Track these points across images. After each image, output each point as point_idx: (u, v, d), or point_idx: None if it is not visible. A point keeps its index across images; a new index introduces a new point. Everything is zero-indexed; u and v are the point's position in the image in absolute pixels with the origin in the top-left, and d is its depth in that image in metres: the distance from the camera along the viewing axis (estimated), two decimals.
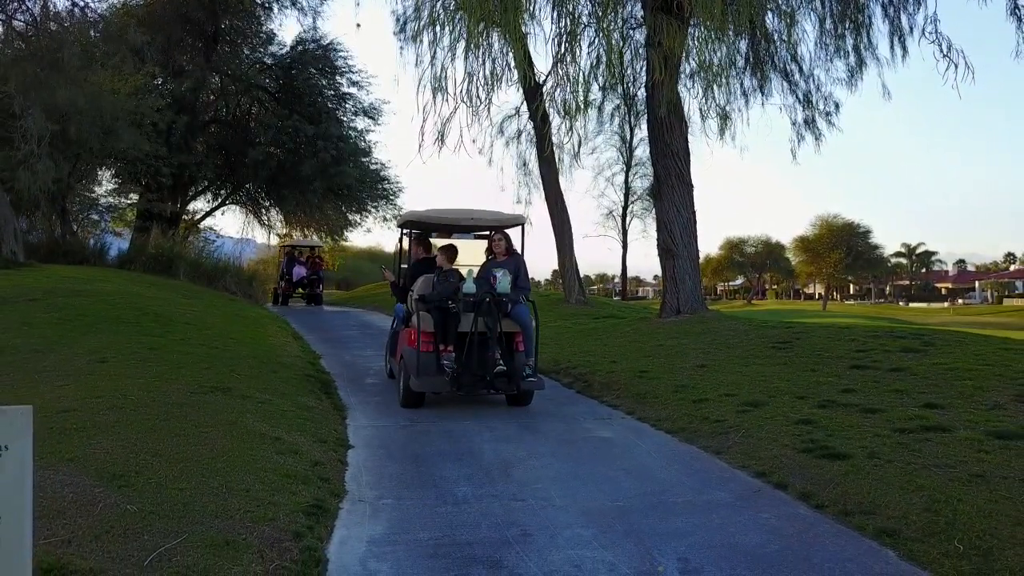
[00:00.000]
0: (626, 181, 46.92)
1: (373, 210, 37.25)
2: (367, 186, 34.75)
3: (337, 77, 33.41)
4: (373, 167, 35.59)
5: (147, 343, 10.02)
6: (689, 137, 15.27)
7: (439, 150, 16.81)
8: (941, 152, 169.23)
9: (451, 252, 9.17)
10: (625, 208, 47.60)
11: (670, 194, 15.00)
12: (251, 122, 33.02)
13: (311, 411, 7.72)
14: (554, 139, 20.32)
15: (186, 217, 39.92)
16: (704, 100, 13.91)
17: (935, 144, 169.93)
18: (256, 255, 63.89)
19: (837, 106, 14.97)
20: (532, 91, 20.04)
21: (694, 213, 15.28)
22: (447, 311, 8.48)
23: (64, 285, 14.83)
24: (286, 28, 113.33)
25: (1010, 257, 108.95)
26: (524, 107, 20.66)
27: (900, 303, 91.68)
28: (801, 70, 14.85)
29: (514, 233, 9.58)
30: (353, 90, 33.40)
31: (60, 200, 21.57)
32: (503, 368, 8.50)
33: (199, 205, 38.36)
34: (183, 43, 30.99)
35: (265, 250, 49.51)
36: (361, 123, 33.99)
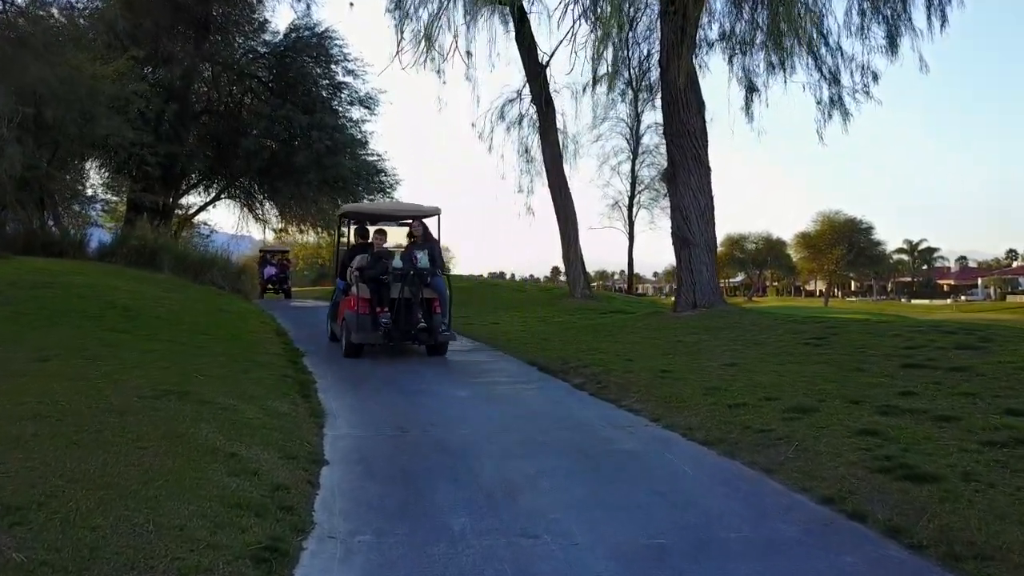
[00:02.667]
0: (633, 170, 44.76)
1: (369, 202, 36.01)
2: (363, 179, 33.51)
3: (332, 66, 32.15)
4: (370, 159, 34.42)
5: (105, 339, 8.83)
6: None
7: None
8: (943, 148, 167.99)
9: (384, 235, 11.66)
10: (632, 198, 45.34)
11: (686, 178, 13.81)
12: (243, 112, 31.73)
13: (282, 418, 6.52)
14: (558, 124, 19.17)
15: (179, 211, 38.85)
16: (730, 68, 12.69)
17: (937, 140, 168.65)
18: (252, 251, 62.81)
19: (876, 76, 13.70)
20: (535, 73, 18.86)
21: (712, 198, 14.10)
22: (380, 282, 10.81)
23: (31, 277, 13.60)
24: (279, 15, 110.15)
25: (1012, 254, 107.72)
26: (526, 90, 19.46)
27: (902, 300, 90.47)
28: (827, 43, 13.62)
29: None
30: (348, 79, 32.12)
31: (37, 189, 20.33)
32: (424, 325, 11.00)
33: (193, 199, 37.23)
34: (173, 30, 29.70)
35: (263, 246, 48.22)
36: (357, 113, 32.72)
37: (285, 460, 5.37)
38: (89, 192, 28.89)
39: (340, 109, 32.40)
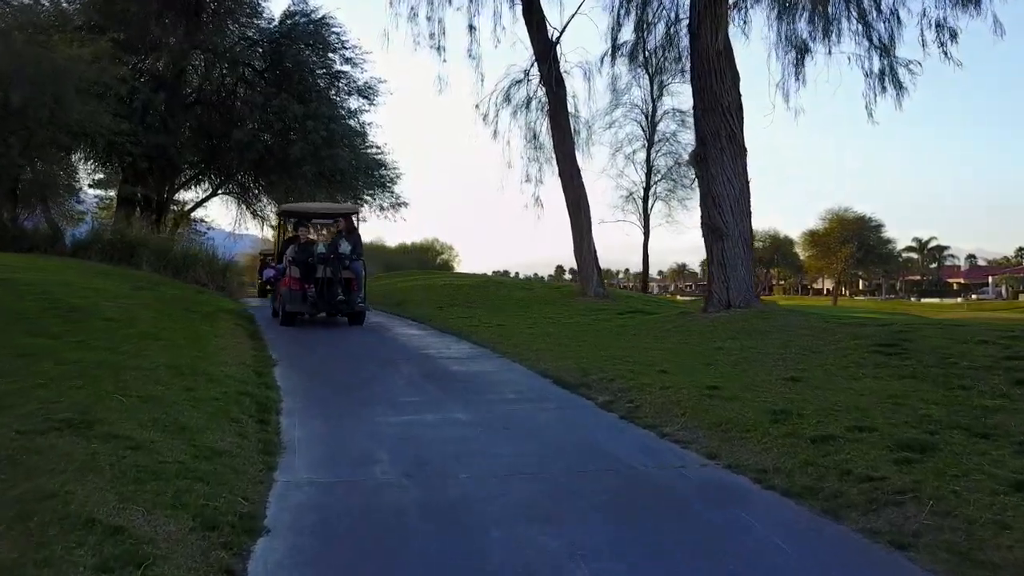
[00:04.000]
0: (648, 159, 41.20)
1: (369, 198, 34.36)
2: (362, 172, 31.79)
3: (329, 54, 30.39)
4: (370, 152, 32.70)
5: (25, 347, 7.12)
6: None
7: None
8: (953, 145, 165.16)
9: (308, 229, 14.50)
10: (647, 189, 41.78)
11: (719, 159, 12.07)
12: (236, 102, 29.99)
13: (217, 459, 4.78)
14: (569, 107, 17.44)
15: (175, 207, 37.23)
16: (777, 29, 10.93)
17: (948, 136, 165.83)
18: (255, 248, 60.89)
19: (954, 35, 11.85)
20: (544, 51, 17.11)
21: (747, 183, 12.36)
22: (308, 264, 13.24)
23: None
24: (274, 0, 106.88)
25: (1022, 252, 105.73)
26: (534, 69, 17.69)
27: (912, 299, 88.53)
28: (879, 8, 11.85)
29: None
30: (347, 68, 30.35)
31: (7, 180, 18.66)
32: (343, 299, 13.35)
33: (189, 195, 35.65)
34: (162, 16, 27.95)
35: (263, 244, 46.40)
36: (355, 103, 30.96)
37: (200, 532, 3.64)
38: (76, 186, 27.40)
39: (337, 99, 30.69)
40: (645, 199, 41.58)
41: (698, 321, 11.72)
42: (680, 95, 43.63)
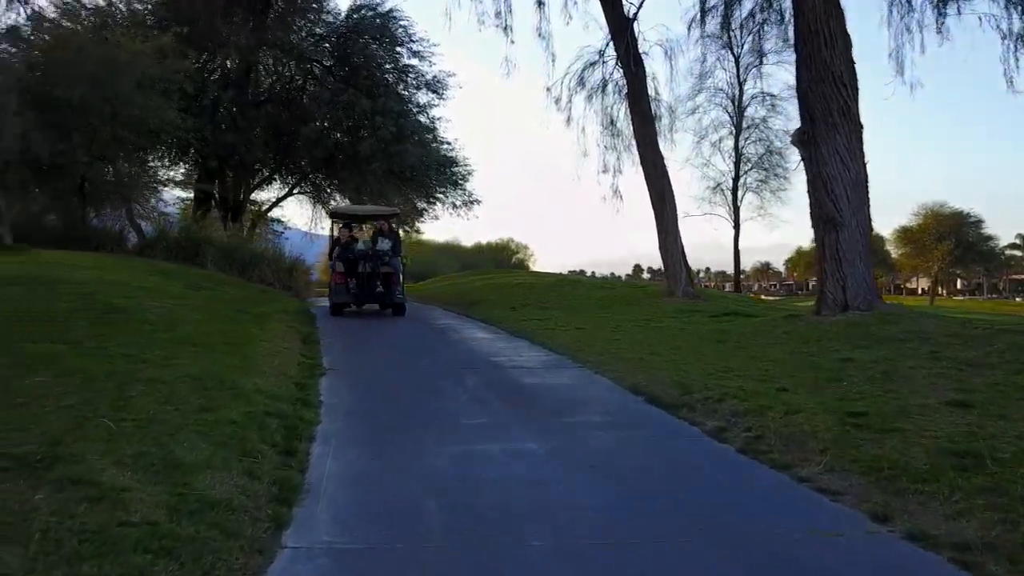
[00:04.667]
0: (736, 147, 37.73)
1: (441, 196, 33.44)
2: (433, 169, 30.86)
3: (397, 48, 29.57)
4: (441, 148, 31.74)
5: (28, 354, 6.13)
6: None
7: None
8: None
9: (350, 229, 15.53)
10: (736, 179, 38.04)
11: (830, 137, 10.36)
12: (304, 99, 29.48)
13: (208, 514, 3.53)
14: (649, 90, 15.87)
15: (252, 208, 37.20)
16: None
17: None
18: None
19: None
20: (620, 28, 15.60)
21: (864, 165, 10.60)
22: (350, 260, 14.76)
23: (26, 271, 11.26)
24: None
25: None
26: (610, 50, 16.20)
27: (1017, 298, 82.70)
28: None
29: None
30: (415, 61, 29.46)
31: (72, 179, 18.29)
32: (381, 291, 14.86)
33: (266, 195, 35.53)
34: (229, 13, 27.59)
35: None
36: (424, 97, 30.04)
37: None
38: (156, 186, 27.27)
39: (406, 94, 29.83)
40: (734, 190, 38.12)
41: (811, 326, 10.03)
42: (770, 77, 40.16)
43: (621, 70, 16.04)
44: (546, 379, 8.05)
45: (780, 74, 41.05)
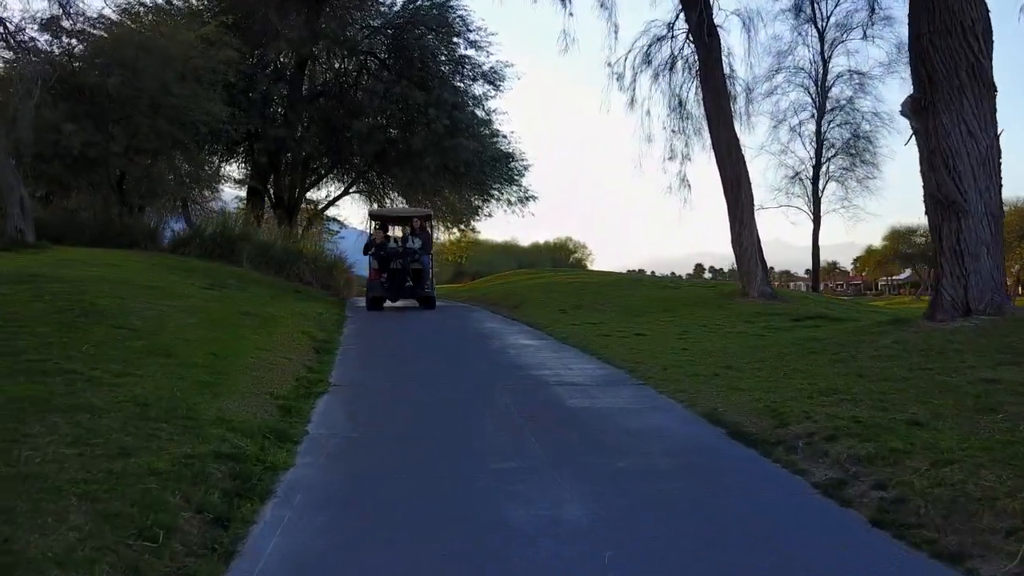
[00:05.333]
0: (818, 131, 33.60)
1: (497, 193, 31.95)
2: (488, 164, 29.38)
3: (453, 38, 28.20)
4: (497, 142, 30.24)
5: None
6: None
7: None
8: None
9: (385, 229, 16.82)
10: (817, 168, 33.95)
11: (955, 103, 8.38)
12: (357, 93, 28.36)
13: None
14: (725, 67, 13.98)
15: (308, 206, 36.47)
16: None
17: None
18: None
19: None
20: None
21: (997, 136, 8.59)
22: (383, 258, 15.78)
23: (27, 269, 10.20)
24: None
25: None
26: (680, 22, 14.37)
27: None
28: None
29: None
30: (471, 52, 28.08)
31: (109, 174, 17.43)
32: (411, 285, 15.78)
33: (321, 193, 34.80)
34: (283, 6, 26.65)
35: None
36: (480, 89, 28.59)
37: None
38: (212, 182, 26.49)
39: (461, 86, 28.44)
40: (815, 179, 34.12)
41: (926, 334, 8.08)
42: (856, 55, 36.43)
43: (692, 45, 14.22)
44: (598, 401, 6.39)
45: (869, 50, 37.62)
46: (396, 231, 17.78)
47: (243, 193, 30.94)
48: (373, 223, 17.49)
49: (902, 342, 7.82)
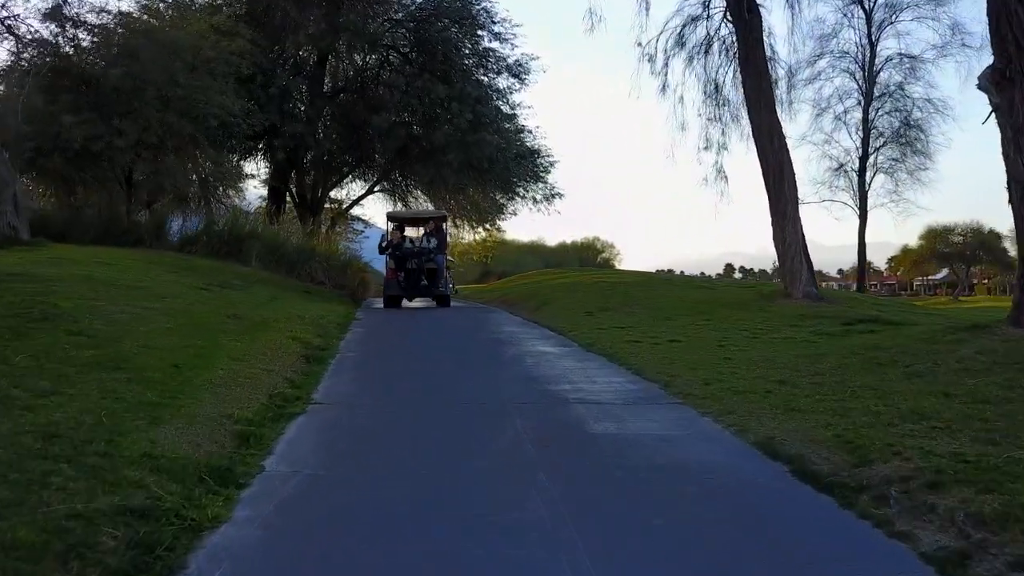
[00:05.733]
0: (865, 120, 30.88)
1: (522, 190, 30.86)
2: (514, 160, 28.31)
3: (477, 31, 27.19)
4: (523, 137, 29.15)
5: None
6: None
7: None
8: None
9: (401, 230, 17.23)
10: (863, 158, 31.25)
11: None
12: (378, 87, 27.44)
13: None
14: (766, 49, 12.75)
15: (332, 206, 35.71)
16: None
17: None
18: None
19: None
20: None
21: None
22: (399, 257, 16.11)
23: (19, 269, 9.37)
24: None
25: None
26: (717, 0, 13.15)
27: None
28: None
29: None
30: (495, 44, 27.06)
31: (116, 170, 16.65)
32: (425, 284, 16.18)
33: (346, 193, 34.09)
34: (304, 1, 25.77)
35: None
36: (504, 82, 27.54)
37: None
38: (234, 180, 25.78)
39: (485, 79, 27.40)
40: (861, 171, 31.48)
41: (1015, 342, 6.84)
42: (907, 37, 34.16)
43: (730, 24, 13.04)
44: (627, 425, 5.26)
45: (920, 32, 35.24)
46: (413, 232, 18.30)
47: (266, 192, 30.22)
48: (390, 224, 18.03)
49: (988, 352, 6.59)
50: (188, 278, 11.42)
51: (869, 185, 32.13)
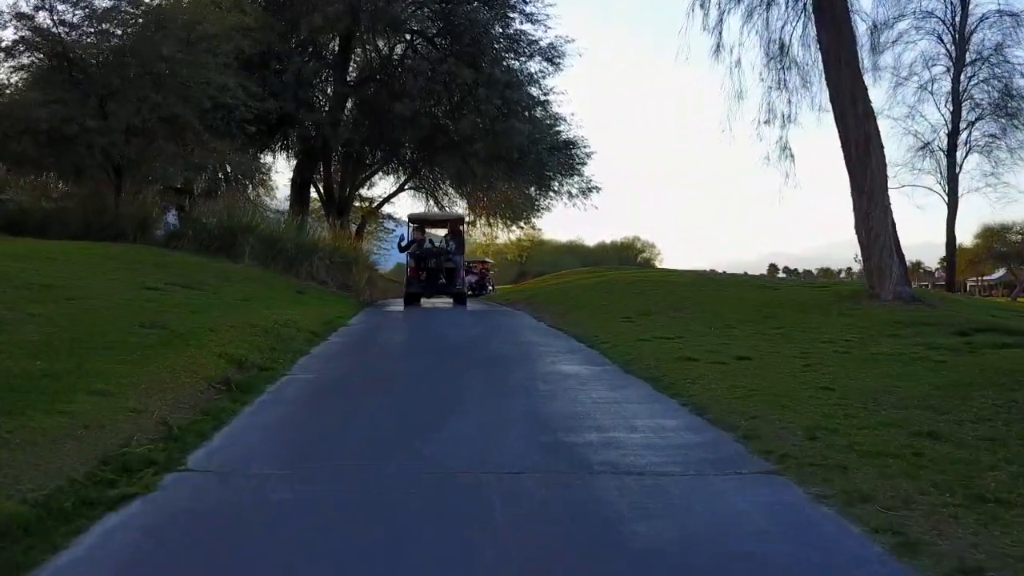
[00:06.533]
0: (955, 90, 25.99)
1: (556, 184, 28.58)
2: (547, 152, 26.06)
3: (508, 12, 24.96)
4: (556, 126, 26.86)
5: None
6: None
7: None
8: None
9: (422, 231, 17.71)
10: (954, 135, 26.33)
11: None
12: (401, 73, 25.38)
13: None
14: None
15: (363, 204, 33.93)
16: None
17: None
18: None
19: None
20: None
21: None
22: (419, 256, 16.47)
23: None
24: None
25: None
26: None
27: None
28: None
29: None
30: (527, 27, 24.77)
31: (114, 156, 14.79)
32: (443, 282, 16.47)
33: (378, 191, 32.42)
34: None
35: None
36: (536, 66, 25.26)
37: None
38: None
39: (516, 64, 25.14)
40: (951, 149, 26.62)
41: None
42: None
43: None
44: (694, 520, 2.98)
45: None
46: (436, 233, 19.13)
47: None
48: (411, 225, 18.89)
49: None
50: (144, 277, 9.43)
51: (960, 166, 27.24)
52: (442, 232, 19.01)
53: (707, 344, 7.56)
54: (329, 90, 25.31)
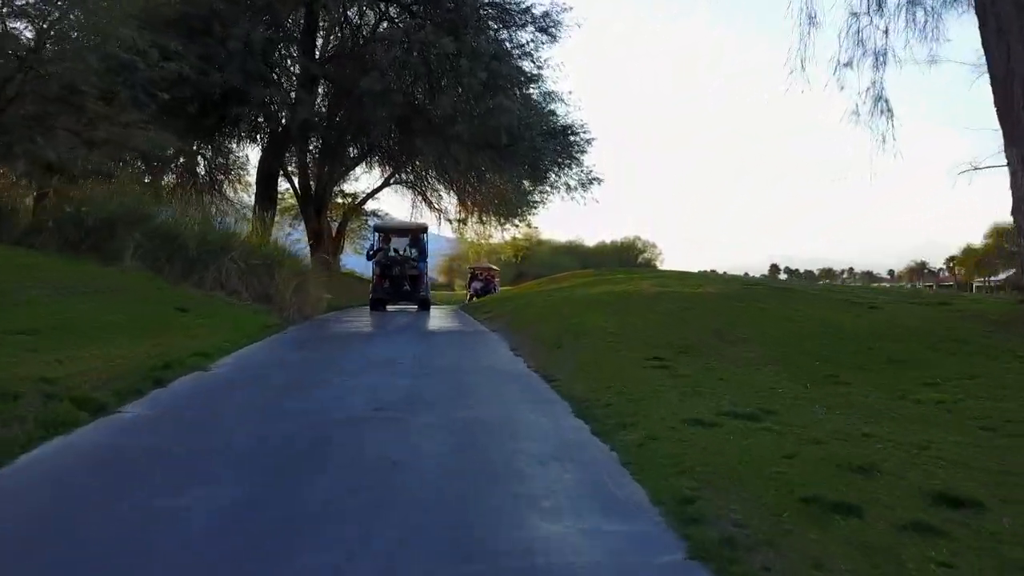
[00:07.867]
0: None
1: (553, 176, 24.84)
2: (541, 137, 22.33)
3: None
4: (552, 108, 23.18)
5: None
6: None
7: None
8: None
9: (388, 240, 18.05)
10: None
11: None
12: (371, 43, 21.59)
13: None
14: None
15: (344, 200, 30.32)
16: None
17: None
18: (452, 251, 51.22)
19: None
20: None
21: None
22: (384, 264, 17.17)
23: None
24: None
25: None
26: None
27: None
28: None
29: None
30: None
31: None
32: (407, 289, 17.15)
33: (361, 186, 28.80)
34: None
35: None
36: (525, 35, 21.52)
37: None
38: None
39: (504, 34, 21.37)
40: None
41: None
42: None
43: None
44: None
45: None
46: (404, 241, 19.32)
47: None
48: (377, 234, 18.96)
49: None
50: None
51: None
52: (406, 240, 19.02)
53: (830, 428, 3.75)
54: (296, 68, 21.68)
